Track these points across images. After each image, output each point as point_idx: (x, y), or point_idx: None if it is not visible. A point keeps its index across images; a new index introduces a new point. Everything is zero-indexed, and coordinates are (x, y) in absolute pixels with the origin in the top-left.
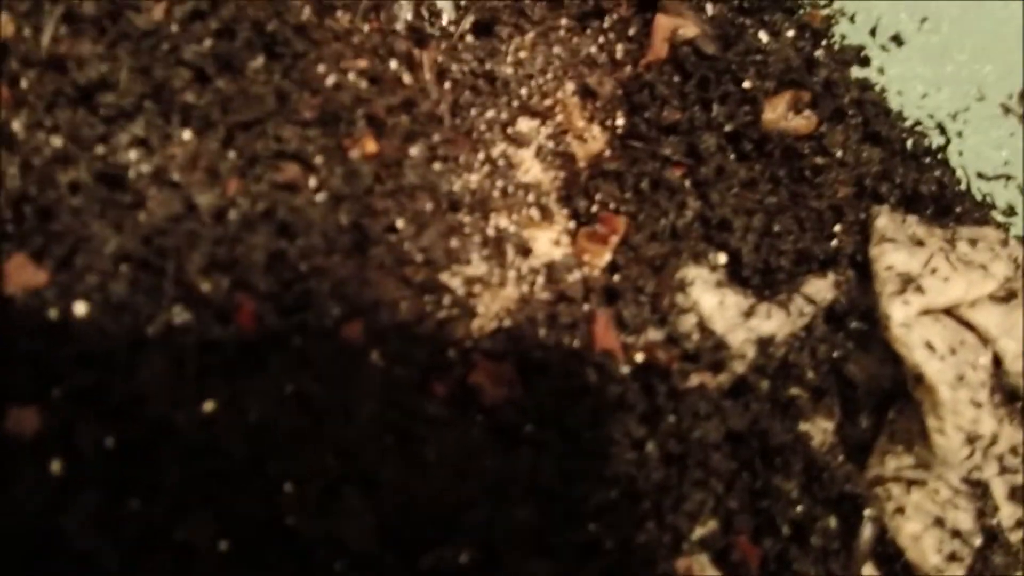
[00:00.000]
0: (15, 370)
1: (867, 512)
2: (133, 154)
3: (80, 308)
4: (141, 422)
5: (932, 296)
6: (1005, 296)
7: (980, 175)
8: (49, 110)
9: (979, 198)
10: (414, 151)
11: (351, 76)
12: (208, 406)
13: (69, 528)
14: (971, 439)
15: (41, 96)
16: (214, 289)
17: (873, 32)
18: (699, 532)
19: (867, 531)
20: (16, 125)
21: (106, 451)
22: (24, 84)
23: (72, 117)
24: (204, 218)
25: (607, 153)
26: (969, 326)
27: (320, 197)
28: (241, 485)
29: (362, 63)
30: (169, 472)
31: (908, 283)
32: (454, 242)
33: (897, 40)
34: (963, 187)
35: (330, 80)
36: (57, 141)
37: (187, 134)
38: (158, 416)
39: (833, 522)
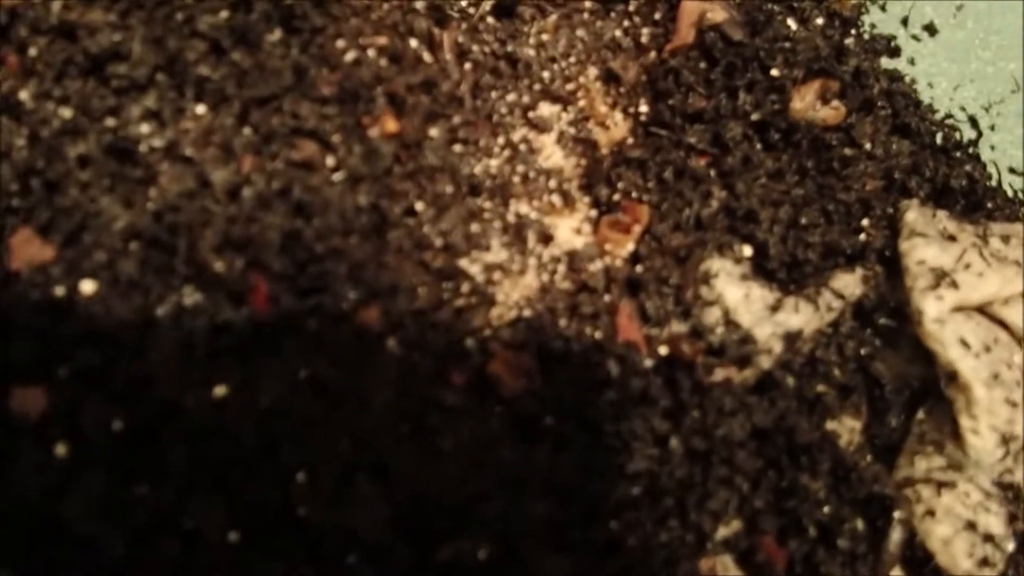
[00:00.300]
0: (20, 348)
1: (896, 514)
2: (145, 127)
3: (88, 286)
4: (149, 405)
5: (966, 292)
6: None
7: (1012, 170)
8: (58, 80)
9: (1011, 194)
10: (434, 132)
11: (370, 53)
12: (219, 390)
13: (72, 512)
14: (1006, 439)
15: (50, 65)
16: (227, 269)
17: (905, 21)
18: (723, 532)
19: (896, 534)
20: (24, 95)
21: (113, 434)
22: (33, 52)
23: (82, 88)
24: (218, 195)
25: (630, 140)
26: (1002, 324)
27: (338, 176)
28: (252, 472)
29: (382, 40)
30: (177, 457)
31: (941, 278)
32: (474, 227)
33: (930, 29)
34: (994, 182)
35: (349, 56)
36: (66, 112)
37: (201, 108)
38: (167, 399)
39: (861, 524)
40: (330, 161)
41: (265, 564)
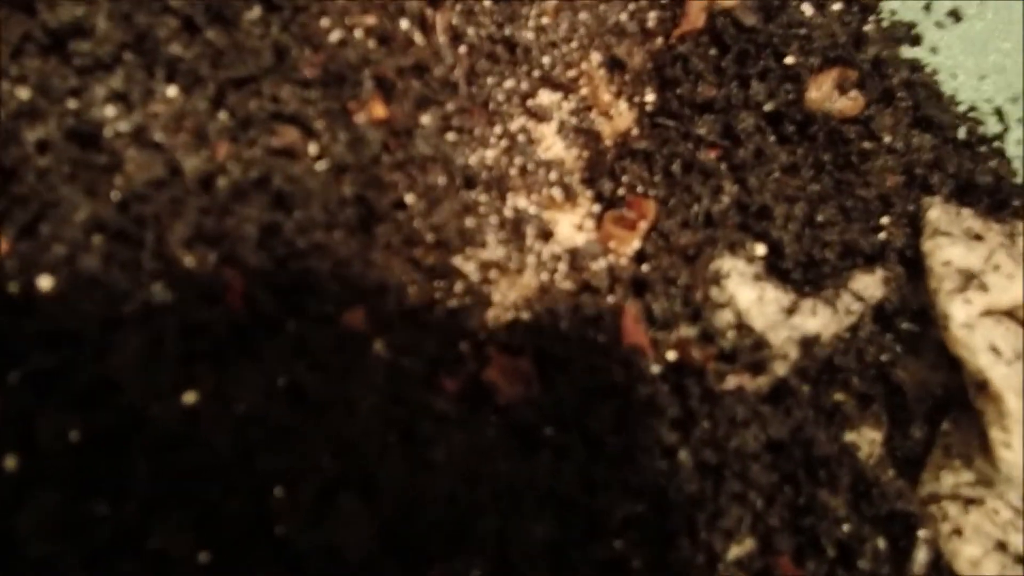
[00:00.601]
0: None
1: (921, 533)
2: (110, 110)
3: (45, 282)
4: (111, 412)
5: (996, 295)
6: None
7: None
8: (15, 57)
9: None
10: (426, 119)
11: (357, 33)
12: (189, 397)
13: (24, 531)
14: None
15: (6, 41)
16: (199, 265)
17: (928, 7)
18: (735, 551)
19: (921, 554)
20: None
21: (70, 444)
22: None
23: (41, 66)
24: (189, 184)
25: (635, 131)
26: None
27: (321, 166)
28: (225, 487)
29: (370, 20)
30: (142, 470)
31: (970, 280)
32: (469, 222)
33: (955, 15)
34: (1020, 179)
35: (334, 36)
36: (23, 93)
37: (172, 90)
38: (131, 406)
39: (883, 543)
40: (312, 149)
41: None
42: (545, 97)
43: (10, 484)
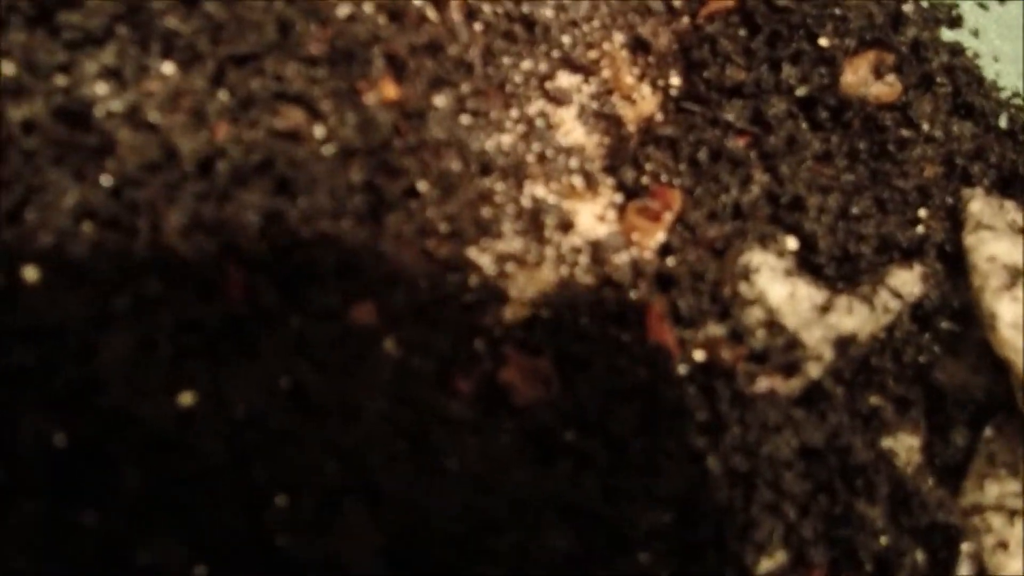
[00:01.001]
0: None
1: (963, 547)
2: (101, 88)
3: (30, 273)
4: (99, 415)
5: None
6: None
7: None
8: None
9: None
10: (439, 101)
11: (367, 8)
12: (185, 398)
13: (2, 545)
14: None
15: None
16: (196, 255)
17: None
18: (766, 565)
19: (963, 569)
20: None
21: (53, 450)
22: None
23: (27, 40)
24: (186, 168)
25: (659, 117)
26: None
27: (327, 149)
28: (221, 496)
29: None
30: (132, 478)
31: (1017, 277)
32: (484, 212)
33: None
34: None
35: (342, 11)
36: (8, 68)
37: (168, 67)
38: (119, 408)
39: (923, 557)
40: (319, 131)
41: None
42: (564, 79)
43: None
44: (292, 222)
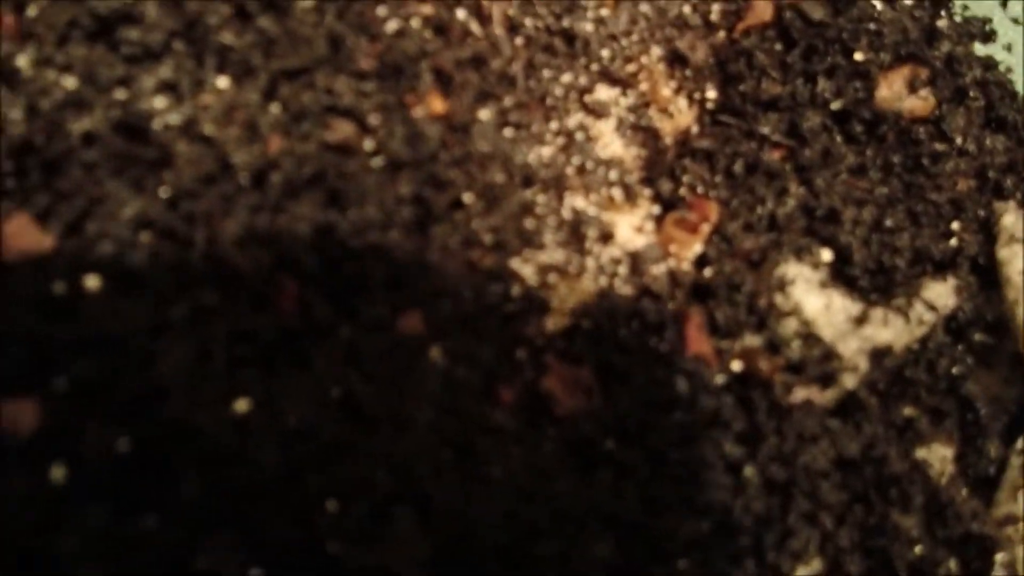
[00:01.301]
0: (10, 353)
1: (997, 557)
2: (159, 101)
3: (91, 282)
4: (159, 423)
5: None
6: None
7: None
8: (61, 45)
9: None
10: (484, 114)
11: (414, 23)
12: (240, 406)
13: (68, 550)
14: None
15: (52, 27)
16: (251, 266)
17: (1004, 2)
18: (803, 572)
19: None
20: (21, 61)
21: (117, 456)
22: (32, 12)
23: (88, 54)
24: (241, 180)
25: (696, 129)
26: None
27: (376, 162)
28: (275, 502)
29: (426, 9)
30: (190, 485)
31: None
32: (527, 223)
33: None
34: None
35: (391, 26)
36: (69, 82)
37: (223, 81)
38: (179, 416)
39: (956, 566)
40: (368, 144)
41: None
42: (603, 92)
43: (55, 498)
44: (343, 234)
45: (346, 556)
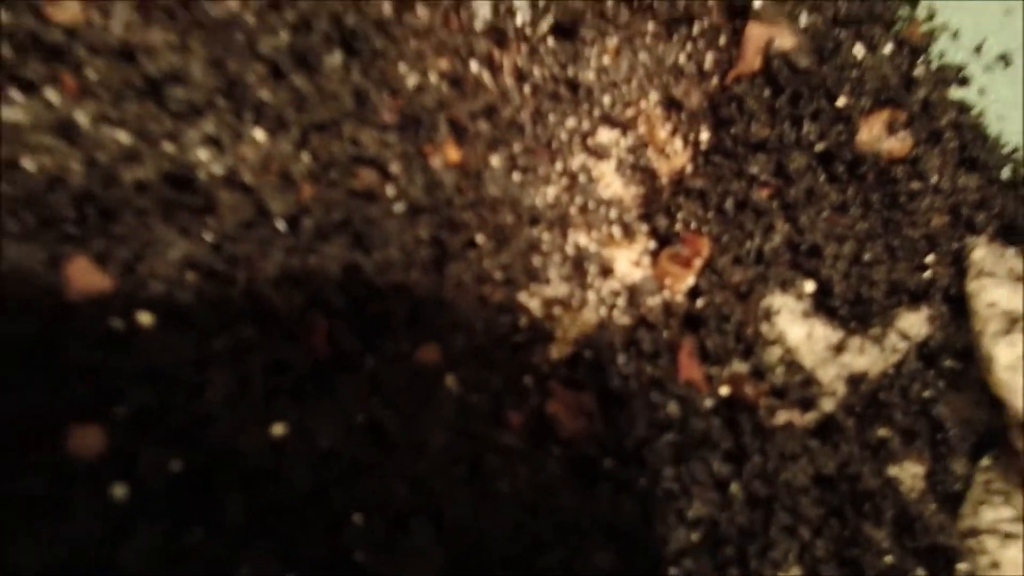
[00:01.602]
0: (77, 384)
1: (960, 566)
2: (203, 153)
3: (145, 318)
4: (205, 446)
5: None
6: None
7: None
8: (116, 103)
9: None
10: (495, 161)
11: (432, 77)
12: (276, 430)
13: (128, 563)
14: None
15: (108, 87)
16: (285, 303)
17: (979, 49)
18: None
19: None
20: (81, 117)
21: (170, 476)
22: (90, 74)
23: (140, 111)
24: (277, 225)
25: (690, 169)
26: None
27: (398, 207)
28: (308, 516)
29: (443, 63)
30: (235, 502)
31: (1014, 323)
32: (534, 260)
33: (1005, 60)
34: None
35: (411, 81)
36: (123, 136)
37: (260, 134)
38: (223, 440)
39: (923, 575)
40: (390, 191)
41: None
42: (604, 135)
43: (117, 515)
44: (367, 273)
45: (370, 564)
